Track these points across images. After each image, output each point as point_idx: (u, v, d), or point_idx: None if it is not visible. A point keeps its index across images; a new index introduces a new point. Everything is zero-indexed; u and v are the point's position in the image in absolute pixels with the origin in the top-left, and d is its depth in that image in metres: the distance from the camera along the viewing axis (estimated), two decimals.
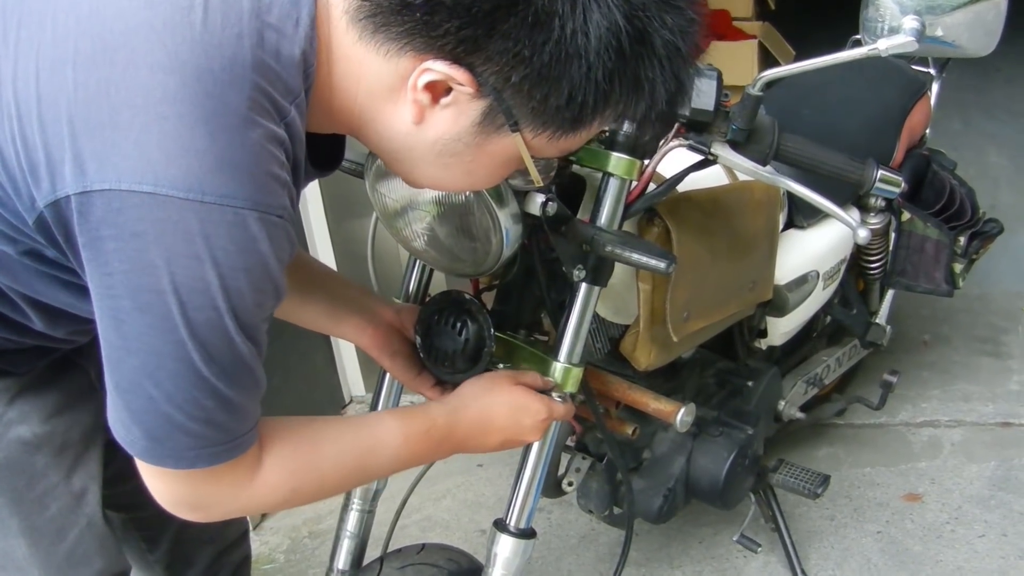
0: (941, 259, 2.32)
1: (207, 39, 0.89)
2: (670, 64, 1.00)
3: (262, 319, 0.97)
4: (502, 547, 1.39)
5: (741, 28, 4.72)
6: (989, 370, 2.97)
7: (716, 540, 2.36)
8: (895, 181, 1.36)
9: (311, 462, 1.12)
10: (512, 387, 1.30)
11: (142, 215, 0.86)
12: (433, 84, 0.94)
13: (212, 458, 0.99)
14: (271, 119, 0.91)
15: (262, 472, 1.06)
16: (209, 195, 0.86)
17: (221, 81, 0.88)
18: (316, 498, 1.17)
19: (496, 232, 1.25)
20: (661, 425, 1.88)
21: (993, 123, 4.78)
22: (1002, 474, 2.51)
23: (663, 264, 1.22)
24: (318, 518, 2.59)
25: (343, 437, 1.17)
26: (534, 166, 1.06)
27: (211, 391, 0.94)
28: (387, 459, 1.20)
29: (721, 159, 1.34)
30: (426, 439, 1.23)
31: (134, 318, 0.90)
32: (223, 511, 1.08)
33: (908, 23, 1.15)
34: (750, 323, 2.02)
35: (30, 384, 1.24)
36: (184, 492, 1.04)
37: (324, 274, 1.50)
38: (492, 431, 1.29)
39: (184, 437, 0.96)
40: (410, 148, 1.03)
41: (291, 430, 1.12)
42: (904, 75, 2.40)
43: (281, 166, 0.92)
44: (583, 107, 0.97)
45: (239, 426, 1.00)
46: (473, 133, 0.99)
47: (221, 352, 0.93)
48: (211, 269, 0.88)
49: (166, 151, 0.86)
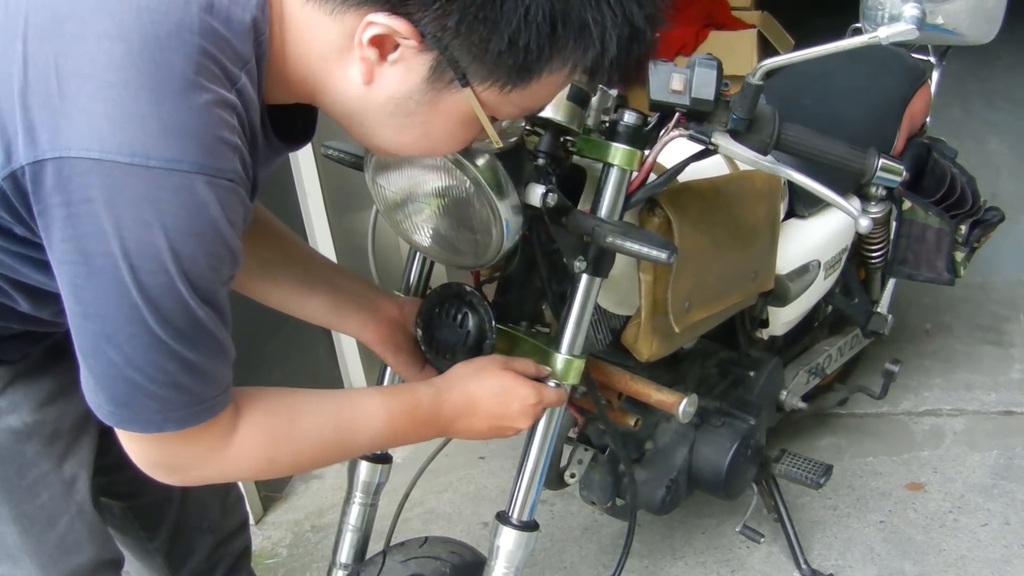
0: (942, 248, 2.32)
1: (153, 5, 0.89)
2: (620, 6, 0.98)
3: (219, 283, 0.97)
4: (505, 539, 1.39)
5: (740, 17, 4.71)
6: (991, 359, 2.97)
7: (719, 531, 2.36)
8: (896, 170, 1.35)
9: (289, 431, 1.12)
10: (501, 371, 1.29)
11: (90, 182, 0.87)
12: (379, 39, 0.95)
13: (180, 422, 1.00)
14: (220, 84, 0.92)
15: (237, 438, 1.07)
16: (154, 159, 0.87)
17: (167, 47, 0.89)
18: (295, 469, 1.19)
19: (496, 224, 1.25)
20: (663, 416, 1.88)
21: (994, 111, 4.77)
22: (1004, 462, 2.51)
23: (664, 254, 1.22)
24: (320, 512, 2.59)
25: (324, 410, 1.17)
26: (491, 126, 1.05)
27: (171, 354, 0.95)
28: (369, 436, 1.21)
29: (722, 149, 1.34)
30: (410, 419, 1.23)
31: (89, 283, 0.91)
32: (199, 475, 1.09)
33: (908, 11, 1.14)
34: (752, 313, 2.01)
35: (22, 373, 1.25)
36: (157, 455, 1.05)
37: (326, 268, 1.50)
38: (479, 414, 1.28)
39: (149, 401, 0.97)
40: (363, 110, 1.03)
41: (270, 399, 1.13)
42: (904, 63, 2.40)
43: (232, 130, 0.93)
44: (527, 53, 0.96)
45: (206, 390, 1.01)
46: (423, 90, 0.99)
47: (177, 316, 0.93)
48: (160, 233, 0.89)
49: (111, 118, 0.87)
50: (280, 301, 1.44)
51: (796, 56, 1.27)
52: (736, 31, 4.61)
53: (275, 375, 2.64)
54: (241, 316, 1.53)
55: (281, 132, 1.08)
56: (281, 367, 2.68)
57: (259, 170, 1.04)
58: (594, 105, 1.30)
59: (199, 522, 1.65)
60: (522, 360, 1.34)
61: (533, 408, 1.30)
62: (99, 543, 1.34)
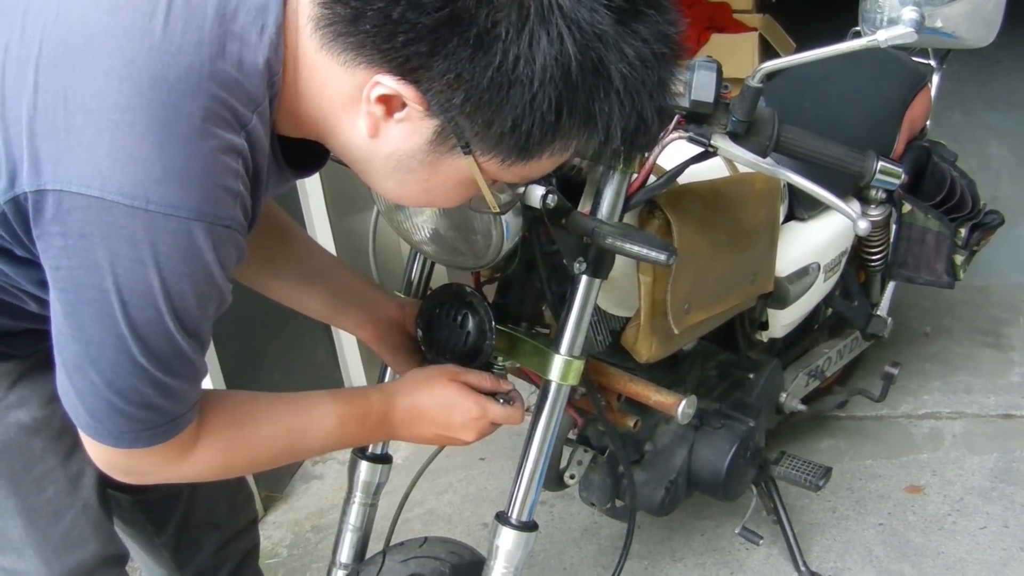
0: (942, 251, 2.32)
1: (165, 47, 0.90)
2: (630, 98, 0.97)
3: (205, 319, 1.00)
4: (504, 540, 1.39)
5: (742, 20, 4.71)
6: (991, 362, 2.97)
7: (718, 532, 2.36)
8: (895, 173, 1.36)
9: (244, 441, 1.17)
10: (446, 383, 1.30)
11: (89, 218, 0.89)
12: (386, 98, 0.95)
13: (150, 439, 1.04)
14: (229, 128, 0.93)
15: (196, 449, 1.11)
16: (154, 204, 0.89)
17: (175, 90, 0.89)
18: (248, 471, 1.28)
19: (497, 225, 1.25)
20: (663, 417, 1.88)
21: (994, 115, 4.77)
22: (1003, 466, 2.51)
23: (664, 256, 1.22)
24: (320, 512, 2.59)
25: (279, 417, 1.20)
26: (489, 191, 1.06)
27: (150, 380, 0.98)
28: (320, 440, 1.25)
29: (721, 151, 1.34)
30: (360, 424, 1.27)
31: (79, 311, 0.94)
32: (157, 479, 1.13)
33: (907, 14, 1.14)
34: (751, 315, 2.02)
35: (32, 368, 1.26)
36: (118, 460, 1.08)
37: (329, 264, 1.51)
38: (423, 423, 1.31)
39: (123, 420, 1.01)
40: (368, 161, 1.04)
41: (230, 409, 1.16)
42: (904, 67, 2.40)
43: (235, 176, 0.94)
44: (528, 137, 0.96)
45: (176, 408, 1.04)
46: (426, 151, 1.00)
47: (161, 347, 0.97)
48: (154, 273, 0.91)
49: (114, 158, 0.88)
50: (281, 294, 1.46)
51: (795, 59, 1.28)
52: (737, 34, 4.62)
53: (275, 375, 2.65)
54: (242, 316, 1.54)
55: (293, 159, 1.10)
56: (281, 367, 2.68)
57: (262, 200, 1.05)
58: None
59: (207, 519, 1.66)
60: (477, 373, 1.34)
61: (476, 422, 1.31)
62: (104, 539, 1.35)
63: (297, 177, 1.16)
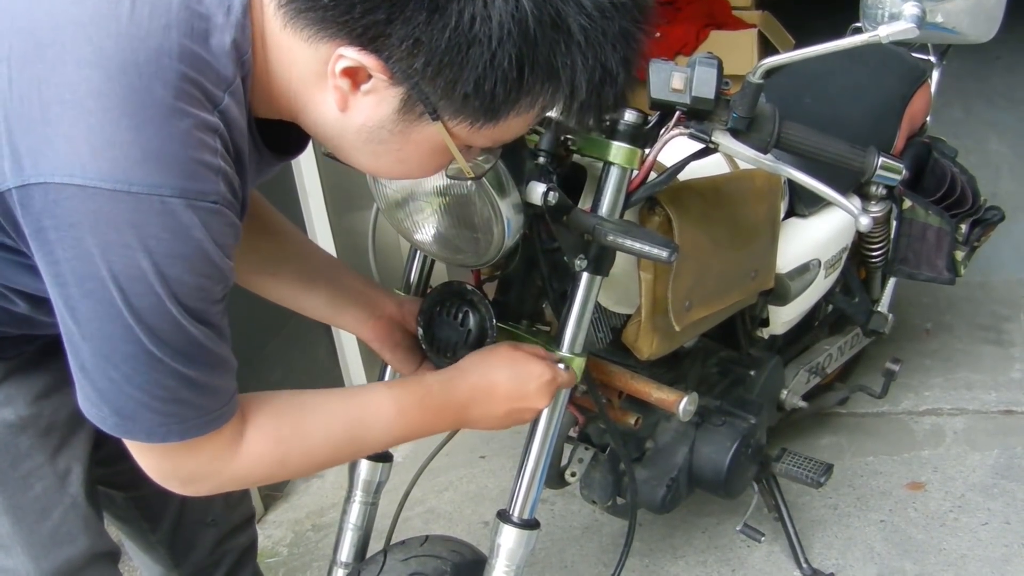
0: (943, 247, 2.32)
1: (132, 31, 0.91)
2: (592, 50, 0.98)
3: (210, 303, 0.98)
4: (505, 538, 1.39)
5: (741, 17, 4.71)
6: (991, 358, 2.97)
7: (719, 530, 2.36)
8: (896, 168, 1.36)
9: (297, 431, 1.14)
10: (513, 351, 1.29)
11: (75, 207, 0.88)
12: (351, 70, 0.96)
13: (184, 433, 1.02)
14: (202, 108, 0.93)
15: (246, 444, 1.09)
16: (136, 185, 0.89)
17: (146, 73, 0.90)
18: (308, 468, 1.19)
19: (497, 222, 1.25)
20: (664, 415, 1.88)
21: (994, 111, 4.77)
22: (1005, 462, 2.51)
23: (665, 253, 1.22)
24: (321, 511, 2.59)
25: (331, 407, 1.18)
26: (463, 156, 1.06)
27: (170, 372, 0.97)
28: (381, 430, 1.21)
29: (722, 147, 1.34)
30: (422, 408, 1.23)
31: (83, 304, 0.93)
32: (214, 484, 1.11)
33: (908, 9, 1.14)
34: (752, 312, 2.02)
35: (17, 368, 1.26)
36: (166, 465, 1.07)
37: (327, 263, 1.50)
38: (496, 396, 1.27)
39: (151, 415, 0.99)
40: (340, 136, 1.04)
41: (275, 402, 1.14)
42: (905, 63, 2.40)
43: (214, 153, 0.94)
44: (493, 96, 0.96)
45: (209, 403, 1.03)
46: (395, 121, 1.00)
47: (171, 335, 0.95)
48: (144, 257, 0.91)
49: (92, 145, 0.88)
50: (280, 295, 1.45)
51: (796, 55, 1.27)
52: (737, 31, 4.62)
53: (275, 375, 2.65)
54: (241, 316, 1.53)
55: (274, 143, 1.10)
56: (282, 367, 2.68)
57: (248, 185, 1.05)
58: None
59: (202, 515, 1.65)
60: (529, 345, 1.34)
61: (549, 385, 1.29)
62: (93, 535, 1.35)
63: (279, 161, 1.16)
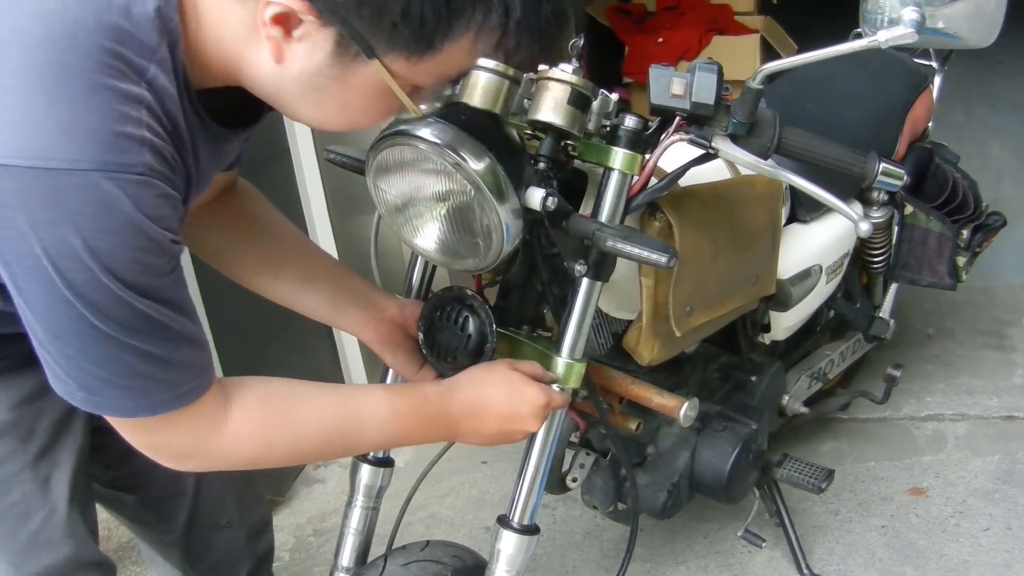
0: (944, 252, 2.32)
1: (48, 6, 0.90)
2: None
3: (156, 276, 0.97)
4: (506, 543, 1.39)
5: (743, 22, 4.71)
6: (993, 363, 2.96)
7: (721, 535, 2.36)
8: (897, 174, 1.36)
9: (288, 416, 1.14)
10: (510, 372, 1.29)
11: (2, 187, 0.88)
12: (281, 17, 0.95)
13: (153, 408, 1.02)
14: (125, 79, 0.92)
15: (231, 423, 1.09)
16: (53, 161, 0.88)
17: (62, 47, 0.89)
18: (296, 456, 1.18)
19: (497, 227, 1.25)
20: (665, 420, 1.88)
21: (996, 116, 4.77)
22: (1006, 467, 2.51)
23: (665, 258, 1.22)
24: (323, 516, 2.59)
25: (326, 398, 1.18)
26: (406, 96, 1.05)
27: (123, 346, 0.96)
28: (373, 430, 1.21)
29: (722, 153, 1.34)
30: (416, 415, 1.23)
31: (27, 283, 0.93)
32: (201, 461, 1.12)
33: (907, 15, 1.14)
34: (753, 318, 2.01)
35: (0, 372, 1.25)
36: (149, 440, 1.08)
37: (328, 264, 1.51)
38: (488, 415, 1.27)
39: (115, 390, 0.99)
40: (280, 90, 1.03)
41: (266, 385, 1.14)
42: (906, 68, 2.40)
43: (138, 124, 0.92)
44: (422, 22, 0.95)
45: (176, 377, 1.02)
46: (332, 65, 0.99)
47: (115, 310, 0.94)
48: (73, 233, 0.90)
49: (10, 123, 0.88)
50: (281, 296, 1.46)
51: (795, 60, 1.28)
52: (739, 36, 4.63)
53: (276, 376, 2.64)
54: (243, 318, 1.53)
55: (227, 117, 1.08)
56: (283, 370, 2.65)
57: (202, 158, 1.03)
58: (595, 109, 1.31)
59: (216, 517, 1.64)
60: (528, 363, 1.34)
61: (542, 410, 1.29)
62: (78, 544, 1.33)
63: (235, 135, 1.13)
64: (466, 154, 1.20)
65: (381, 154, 1.28)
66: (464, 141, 1.21)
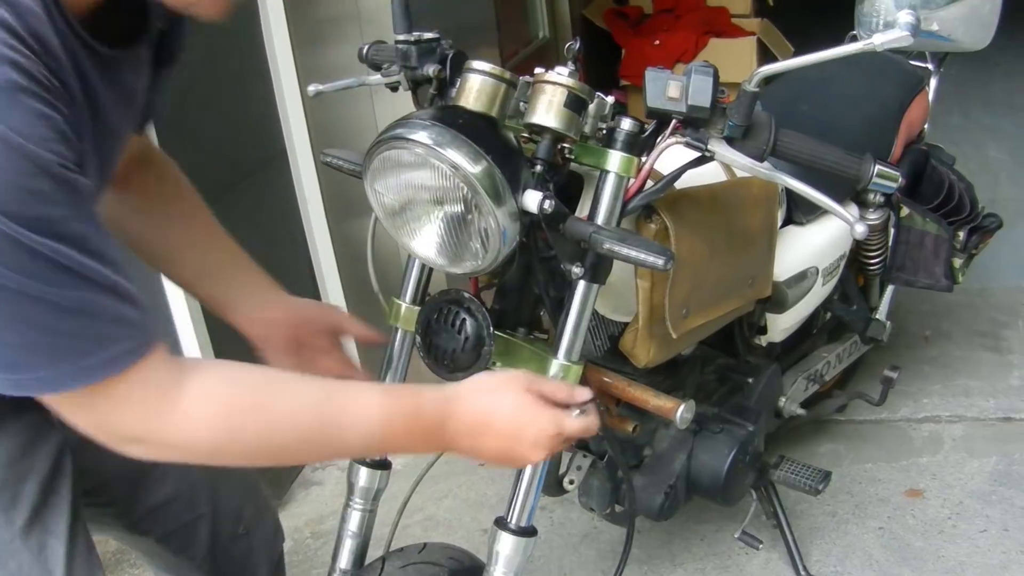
0: (941, 254, 2.32)
1: None
2: None
3: (48, 205, 0.87)
4: (503, 545, 1.39)
5: (740, 25, 4.73)
6: (990, 365, 2.97)
7: (718, 537, 2.36)
8: (893, 176, 1.36)
9: (258, 404, 1.04)
10: (522, 391, 1.16)
11: None
12: None
13: (83, 376, 0.93)
14: None
15: (186, 402, 0.99)
16: None
17: None
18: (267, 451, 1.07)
19: (494, 230, 1.25)
20: (662, 422, 1.88)
21: (992, 117, 4.78)
22: (1003, 469, 2.51)
23: (661, 261, 1.22)
24: (320, 518, 2.59)
25: (310, 390, 1.09)
26: None
27: (26, 300, 0.87)
28: (360, 432, 1.10)
29: (718, 156, 1.34)
30: (411, 423, 1.12)
31: None
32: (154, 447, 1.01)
33: (902, 18, 1.14)
34: (750, 320, 2.02)
35: None
36: (90, 419, 0.98)
37: (229, 256, 1.46)
38: (488, 435, 1.15)
39: (32, 357, 0.91)
40: None
41: (234, 368, 1.05)
42: (902, 70, 2.41)
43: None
44: None
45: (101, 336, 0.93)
46: None
47: (11, 254, 0.86)
48: None
49: None
50: (181, 283, 1.46)
51: (790, 63, 1.28)
52: (736, 38, 4.64)
53: None
54: None
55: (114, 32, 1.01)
56: None
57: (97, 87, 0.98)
58: (591, 112, 1.31)
59: (233, 527, 1.56)
60: (553, 383, 1.24)
61: (550, 440, 1.16)
62: None
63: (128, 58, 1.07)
64: (463, 157, 1.20)
65: (378, 157, 1.28)
66: (461, 144, 1.21)
